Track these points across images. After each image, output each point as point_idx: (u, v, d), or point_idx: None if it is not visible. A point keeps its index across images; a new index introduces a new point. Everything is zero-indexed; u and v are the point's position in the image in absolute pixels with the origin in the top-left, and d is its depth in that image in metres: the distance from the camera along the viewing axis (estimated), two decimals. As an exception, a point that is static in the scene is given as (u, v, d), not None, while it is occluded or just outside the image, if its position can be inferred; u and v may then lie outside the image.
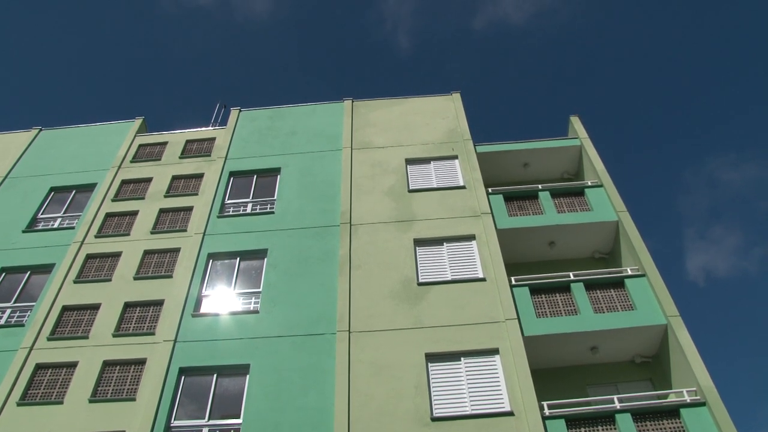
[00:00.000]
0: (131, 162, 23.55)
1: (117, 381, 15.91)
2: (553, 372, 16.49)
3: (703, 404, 13.93)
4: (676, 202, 60.73)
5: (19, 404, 15.54)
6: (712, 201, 61.27)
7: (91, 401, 15.40)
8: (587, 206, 19.56)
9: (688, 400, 14.12)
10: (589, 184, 20.40)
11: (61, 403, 15.46)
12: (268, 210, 20.36)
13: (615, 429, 13.70)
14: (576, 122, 23.13)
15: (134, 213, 21.13)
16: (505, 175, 22.62)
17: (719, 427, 13.37)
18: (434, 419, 14.05)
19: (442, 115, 23.85)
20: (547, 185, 20.48)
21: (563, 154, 22.45)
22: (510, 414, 14.00)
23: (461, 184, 20.49)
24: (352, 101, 24.94)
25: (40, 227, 21.20)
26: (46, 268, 19.45)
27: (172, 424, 14.79)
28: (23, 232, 20.83)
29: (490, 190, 20.29)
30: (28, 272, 19.46)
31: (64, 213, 21.73)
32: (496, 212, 19.37)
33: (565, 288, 17.00)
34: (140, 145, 24.46)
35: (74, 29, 66.36)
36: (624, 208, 19.11)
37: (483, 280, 17.17)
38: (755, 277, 54.93)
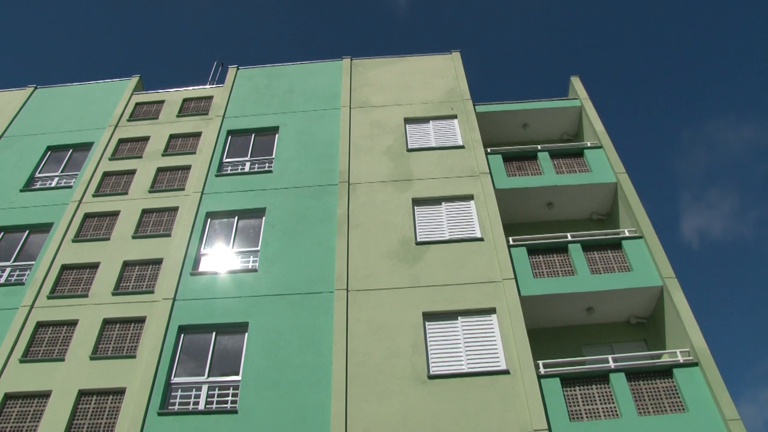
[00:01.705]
0: (128, 121, 23.37)
1: (117, 339, 16.08)
2: (549, 332, 16.66)
3: (695, 365, 14.10)
4: (673, 165, 60.56)
5: (21, 361, 15.74)
6: (710, 163, 61.11)
7: (92, 359, 15.59)
8: (586, 167, 19.51)
9: (681, 361, 14.29)
10: (589, 145, 20.30)
11: (63, 360, 15.65)
12: (267, 169, 20.30)
13: (609, 388, 13.89)
14: (576, 83, 22.91)
15: (132, 172, 21.08)
16: (505, 136, 22.51)
17: (710, 386, 13.56)
18: (431, 377, 14.23)
19: (441, 75, 23.59)
20: (546, 146, 20.38)
21: (563, 115, 22.30)
22: (506, 372, 14.18)
23: (460, 143, 20.39)
24: (351, 60, 24.64)
25: (37, 186, 21.16)
26: (45, 227, 19.49)
27: (172, 381, 15.01)
28: (21, 191, 20.80)
29: (489, 150, 20.20)
30: (27, 231, 19.50)
31: (61, 172, 21.66)
32: (495, 172, 19.32)
33: (562, 249, 17.07)
34: (137, 104, 24.26)
35: (68, -16, 65.09)
36: (623, 170, 19.06)
37: (481, 239, 17.22)
38: (750, 240, 55.14)
